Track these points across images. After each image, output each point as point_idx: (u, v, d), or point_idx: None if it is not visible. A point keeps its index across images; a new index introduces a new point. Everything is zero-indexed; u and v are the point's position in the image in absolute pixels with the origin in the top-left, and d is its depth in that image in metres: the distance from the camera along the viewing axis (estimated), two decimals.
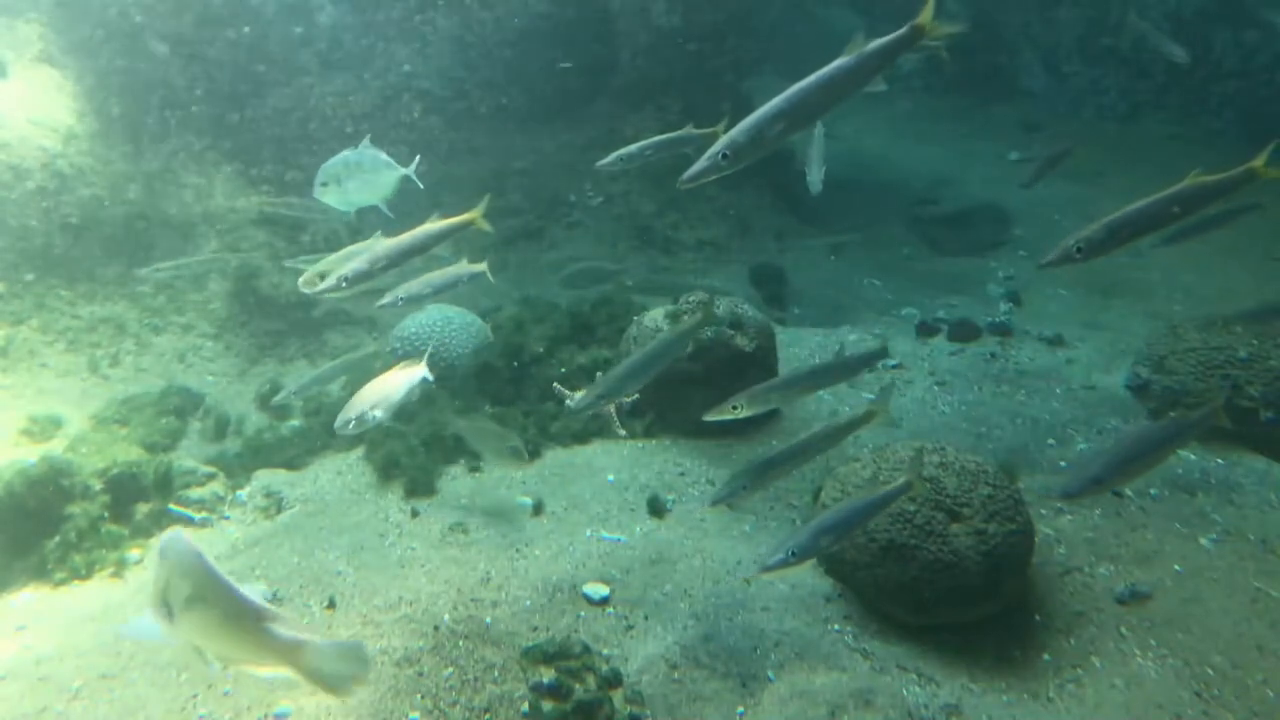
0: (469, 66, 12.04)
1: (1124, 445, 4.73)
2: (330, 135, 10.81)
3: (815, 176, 7.87)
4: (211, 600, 2.82)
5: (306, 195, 7.84)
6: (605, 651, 4.62)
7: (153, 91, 10.09)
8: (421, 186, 6.39)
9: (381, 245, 4.97)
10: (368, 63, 11.67)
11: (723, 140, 3.87)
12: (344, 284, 4.87)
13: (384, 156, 6.00)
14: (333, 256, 6.27)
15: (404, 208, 6.39)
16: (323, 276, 5.58)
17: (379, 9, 11.64)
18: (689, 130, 6.16)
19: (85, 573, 5.47)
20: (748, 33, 12.55)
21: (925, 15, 3.76)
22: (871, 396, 7.28)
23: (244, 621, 2.80)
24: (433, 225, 5.03)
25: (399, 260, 4.95)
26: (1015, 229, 11.76)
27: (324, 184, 5.80)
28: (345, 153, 5.91)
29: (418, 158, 6.22)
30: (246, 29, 10.83)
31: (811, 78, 3.83)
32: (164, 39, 10.25)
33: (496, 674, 4.44)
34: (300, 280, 5.79)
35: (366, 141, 6.00)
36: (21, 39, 9.41)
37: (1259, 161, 4.43)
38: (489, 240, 6.11)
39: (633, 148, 6.04)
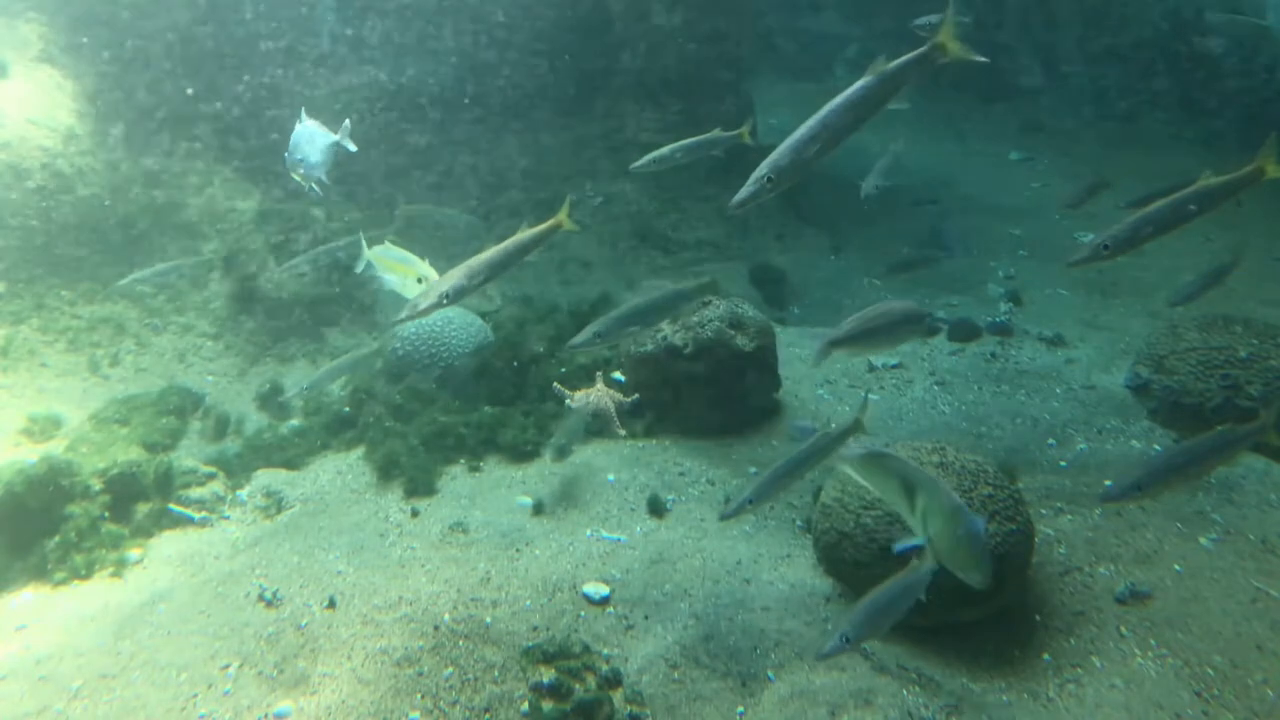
0: (470, 66, 12.04)
1: (1169, 454, 4.85)
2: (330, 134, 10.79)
3: (869, 182, 8.26)
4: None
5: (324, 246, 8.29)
6: (605, 651, 4.62)
7: (153, 91, 10.09)
8: (354, 149, 6.42)
9: (478, 258, 5.01)
10: (369, 62, 11.66)
11: (766, 164, 4.00)
12: (445, 300, 4.90)
13: (322, 128, 6.15)
14: (370, 252, 6.29)
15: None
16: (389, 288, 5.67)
17: (380, 9, 11.63)
18: (717, 133, 6.34)
19: (85, 572, 5.46)
20: (747, 33, 12.55)
21: (945, 34, 3.90)
22: (871, 396, 7.30)
23: None
24: (523, 234, 5.03)
25: (496, 272, 4.97)
26: (1014, 229, 11.75)
27: (300, 161, 5.87)
28: (299, 130, 5.98)
29: (346, 122, 6.29)
30: (247, 27, 10.82)
31: (840, 98, 3.98)
32: (164, 39, 10.25)
33: (496, 674, 4.44)
34: (410, 300, 5.76)
35: (303, 114, 6.07)
36: (21, 39, 9.40)
37: (1267, 160, 4.58)
38: (488, 242, 6.14)
39: (664, 150, 6.23)
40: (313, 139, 6.03)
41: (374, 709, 4.22)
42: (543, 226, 5.03)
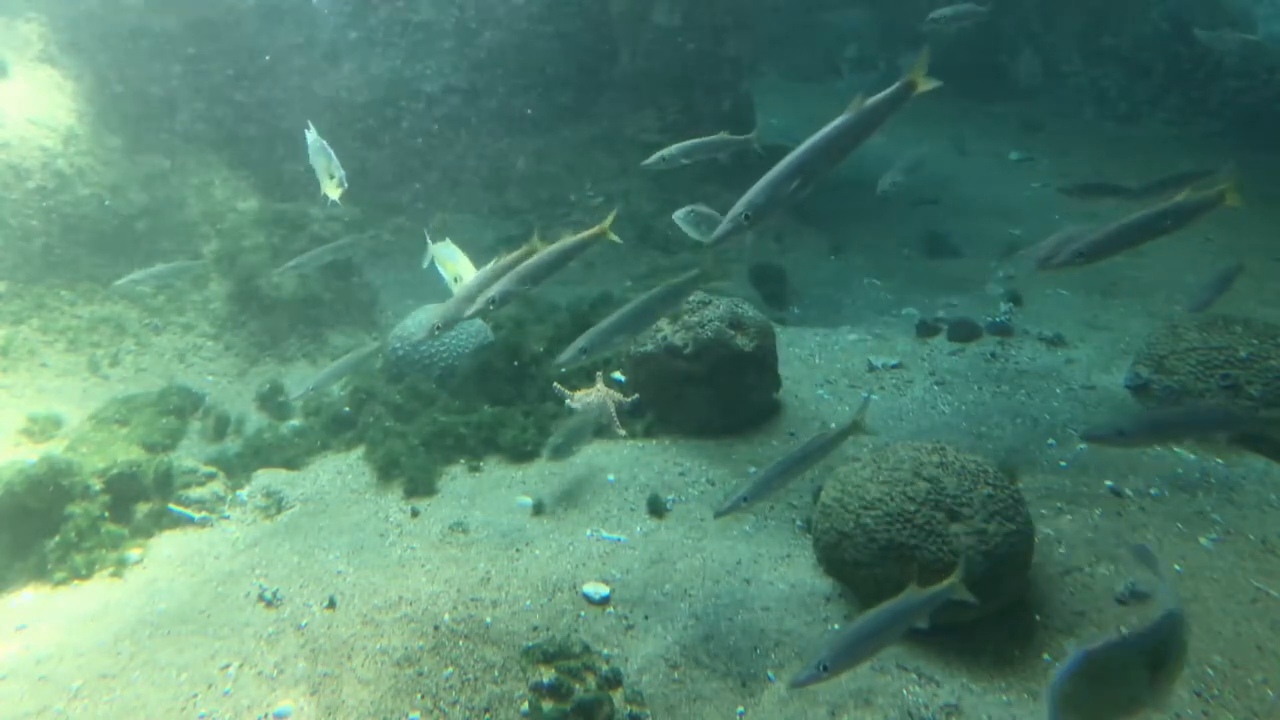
0: (469, 66, 12.04)
1: (1157, 411, 5.32)
2: (331, 134, 10.80)
3: (887, 179, 8.45)
4: None
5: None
6: (605, 651, 4.62)
7: (152, 91, 10.09)
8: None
9: (525, 264, 5.06)
10: (368, 62, 11.67)
11: (742, 202, 4.11)
12: (492, 305, 4.99)
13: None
14: (434, 247, 6.28)
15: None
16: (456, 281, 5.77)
17: (380, 9, 11.64)
18: (723, 135, 6.58)
19: (85, 572, 5.46)
20: (748, 33, 12.55)
21: (918, 72, 4.05)
22: (872, 396, 7.30)
23: None
24: (568, 240, 5.06)
25: (540, 278, 5.02)
26: (1014, 229, 11.76)
27: (343, 172, 6.01)
28: (316, 140, 6.07)
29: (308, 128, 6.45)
30: (247, 29, 10.82)
31: (817, 136, 4.11)
32: (164, 38, 10.25)
33: (496, 674, 4.44)
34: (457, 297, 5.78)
35: (313, 130, 6.13)
36: (21, 39, 9.40)
37: (1227, 187, 5.01)
38: (487, 242, 6.17)
39: (674, 149, 6.47)
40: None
41: (374, 709, 4.22)
42: (585, 234, 5.06)
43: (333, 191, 6.09)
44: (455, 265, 6.23)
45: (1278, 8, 13.10)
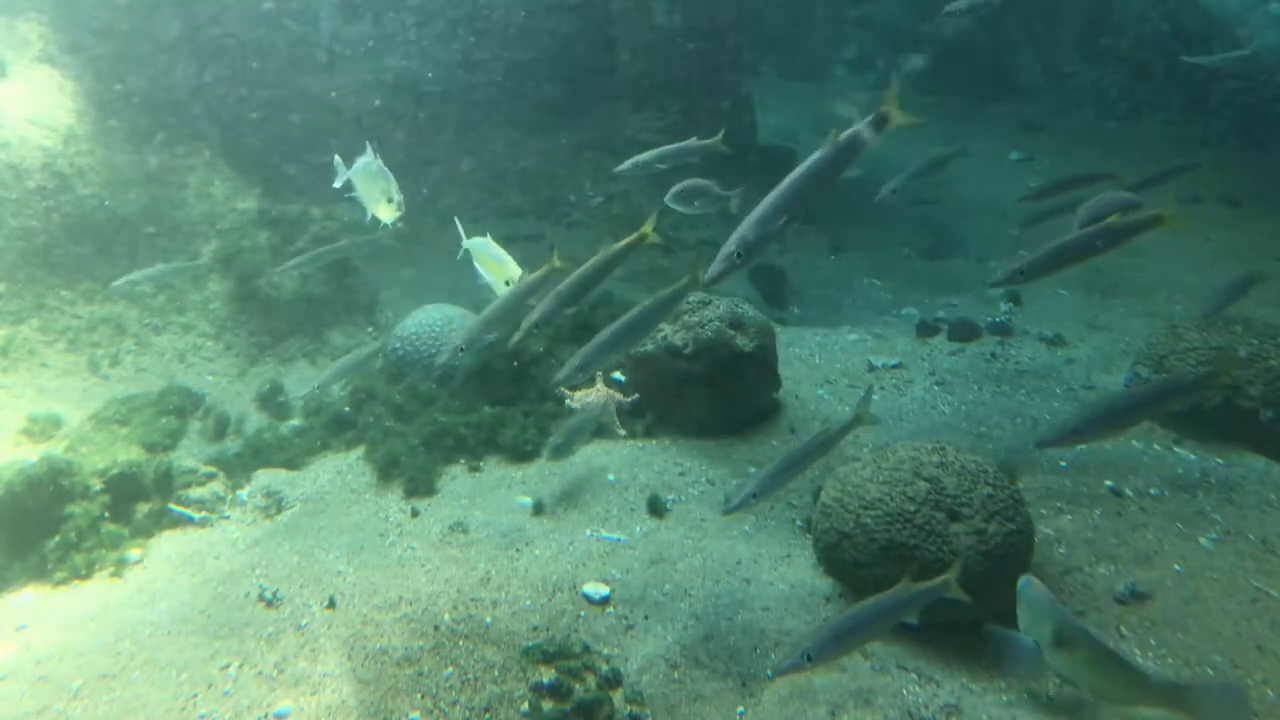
0: (470, 66, 12.04)
1: (1106, 402, 5.37)
2: (330, 134, 10.82)
3: (888, 186, 8.50)
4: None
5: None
6: (605, 651, 4.62)
7: (152, 91, 10.09)
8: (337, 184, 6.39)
9: (565, 280, 4.98)
10: (368, 62, 11.66)
11: (734, 239, 4.23)
12: (536, 329, 4.98)
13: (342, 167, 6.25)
14: (469, 242, 6.14)
15: None
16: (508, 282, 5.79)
17: (380, 8, 11.64)
18: (693, 141, 6.80)
19: (85, 572, 5.46)
20: (748, 33, 12.56)
21: (890, 104, 4.15)
22: (875, 396, 7.29)
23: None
24: (607, 251, 4.97)
25: (583, 292, 4.99)
26: (1014, 229, 11.75)
27: (401, 195, 5.85)
28: (381, 165, 5.92)
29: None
30: (246, 28, 10.82)
31: (799, 170, 4.28)
32: (165, 39, 10.25)
33: (496, 674, 4.44)
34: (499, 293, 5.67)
35: (370, 150, 5.97)
36: (21, 39, 9.40)
37: (1168, 211, 5.19)
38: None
39: (648, 155, 6.70)
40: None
41: (374, 709, 4.23)
42: (626, 241, 5.02)
43: (387, 214, 5.75)
44: (503, 267, 6.01)
45: (1272, 17, 13.03)
